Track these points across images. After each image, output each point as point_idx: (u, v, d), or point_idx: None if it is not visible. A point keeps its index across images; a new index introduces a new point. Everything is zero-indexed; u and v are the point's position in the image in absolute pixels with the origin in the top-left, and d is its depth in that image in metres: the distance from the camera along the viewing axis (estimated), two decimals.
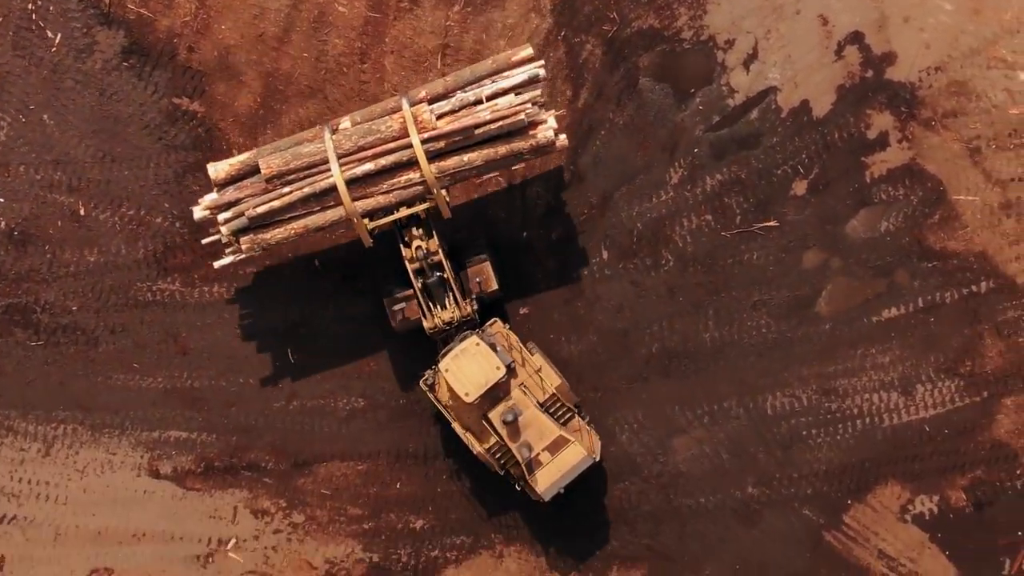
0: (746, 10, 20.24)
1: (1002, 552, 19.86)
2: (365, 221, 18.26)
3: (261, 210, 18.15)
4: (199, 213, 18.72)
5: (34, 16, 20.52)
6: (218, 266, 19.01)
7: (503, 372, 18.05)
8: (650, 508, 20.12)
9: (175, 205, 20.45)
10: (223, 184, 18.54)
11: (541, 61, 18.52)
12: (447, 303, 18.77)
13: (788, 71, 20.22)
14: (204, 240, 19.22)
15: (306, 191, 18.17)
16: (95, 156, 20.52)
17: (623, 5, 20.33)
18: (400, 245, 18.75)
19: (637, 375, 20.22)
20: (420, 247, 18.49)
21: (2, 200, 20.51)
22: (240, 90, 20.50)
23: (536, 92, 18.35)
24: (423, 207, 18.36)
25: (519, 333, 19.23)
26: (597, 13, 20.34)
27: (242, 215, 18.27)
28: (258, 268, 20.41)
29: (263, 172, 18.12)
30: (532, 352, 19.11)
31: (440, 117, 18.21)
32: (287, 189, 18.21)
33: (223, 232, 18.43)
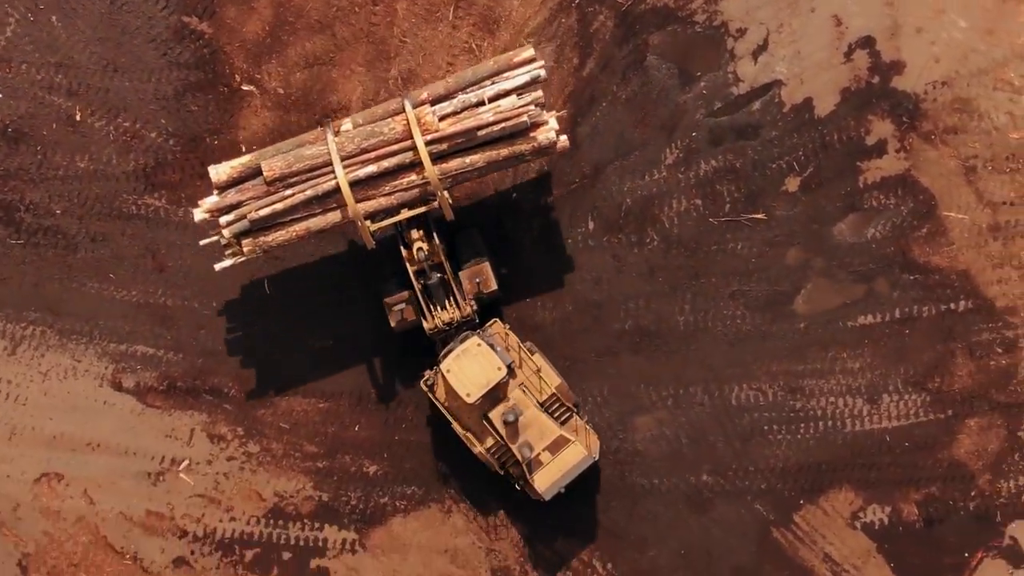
0: (762, 1, 20.24)
1: (947, 571, 19.87)
2: (367, 223, 18.17)
3: (264, 213, 18.01)
4: (199, 215, 18.43)
5: None
6: (219, 268, 18.77)
7: (504, 372, 18.04)
8: (603, 483, 20.13)
9: (171, 122, 20.46)
10: (224, 187, 18.34)
11: (542, 62, 18.46)
12: (447, 304, 18.77)
13: (796, 67, 20.23)
14: (203, 241, 18.97)
15: (308, 193, 18.04)
16: (98, 63, 20.53)
17: None
18: (400, 247, 18.68)
19: (607, 349, 20.23)
20: (421, 248, 18.40)
21: (0, 95, 20.53)
22: (250, 16, 20.50)
23: (538, 93, 18.28)
24: (426, 208, 18.26)
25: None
26: None
27: (244, 218, 18.11)
28: None
29: (265, 174, 17.97)
30: (531, 352, 19.12)
31: (442, 119, 18.11)
32: (289, 191, 18.07)
33: (225, 234, 18.22)
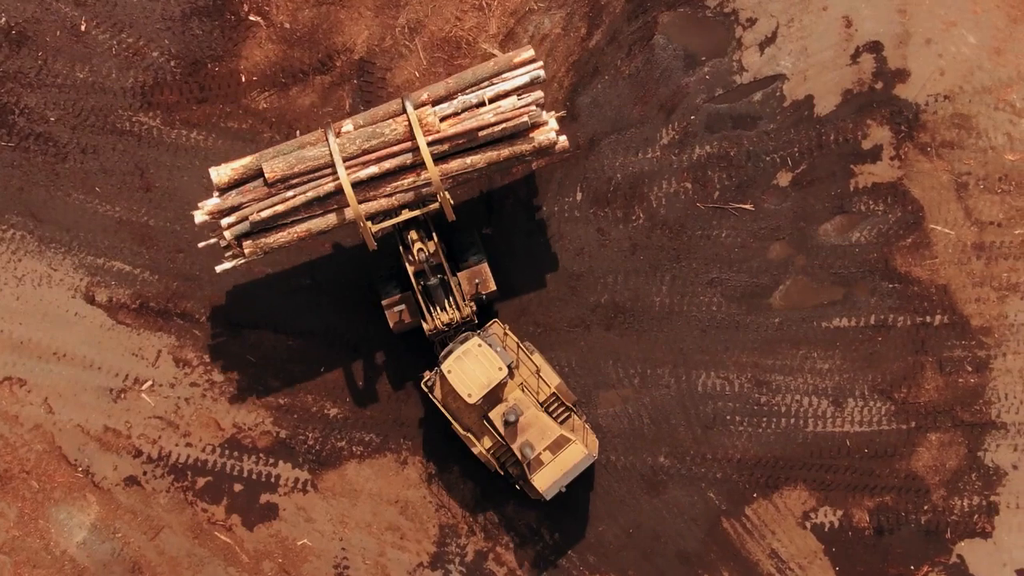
0: None
1: None
2: (368, 224, 18.14)
3: (265, 214, 17.97)
4: (200, 217, 18.34)
5: None
6: (219, 270, 18.72)
7: (505, 372, 18.02)
8: None
9: (174, 44, 20.47)
10: (225, 188, 18.29)
11: (541, 63, 18.46)
12: (446, 305, 18.78)
13: (801, 63, 20.24)
14: (202, 244, 18.90)
15: (310, 195, 18.01)
16: None
17: None
18: (400, 248, 18.66)
19: (580, 320, 20.24)
20: (421, 250, 18.36)
21: None
22: None
23: (538, 94, 18.28)
24: (428, 209, 18.25)
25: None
26: None
27: (245, 219, 18.07)
28: (239, 126, 20.43)
29: (267, 176, 17.93)
30: (531, 352, 19.12)
31: (443, 120, 18.10)
32: (290, 193, 18.03)
33: (226, 236, 18.17)
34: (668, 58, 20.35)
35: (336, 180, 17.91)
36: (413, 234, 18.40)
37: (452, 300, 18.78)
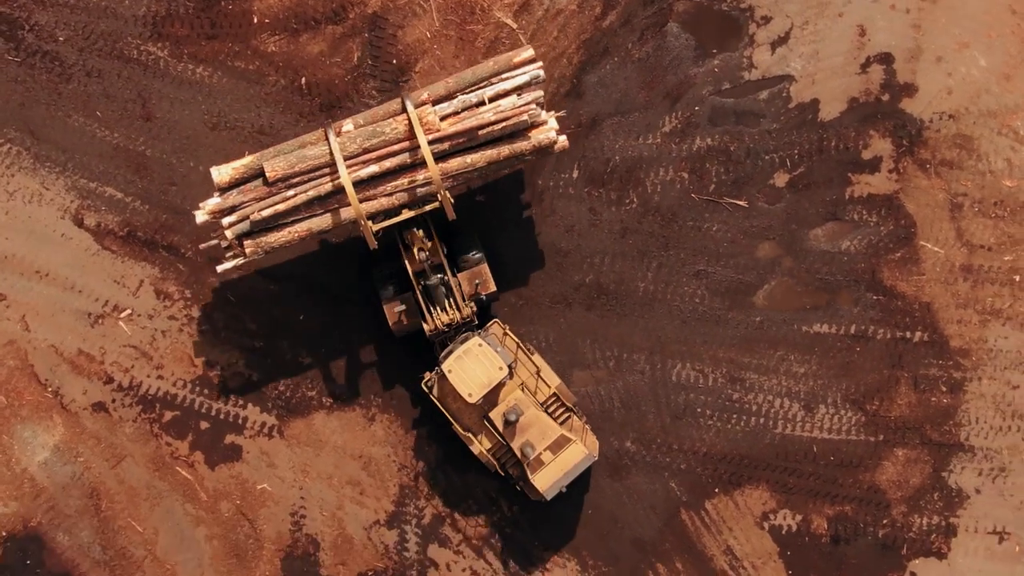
0: None
1: None
2: (369, 223, 18.13)
3: (266, 213, 17.99)
4: (201, 217, 18.36)
5: None
6: (220, 270, 18.75)
7: (506, 372, 18.03)
8: None
9: None
10: (226, 187, 18.30)
11: (540, 63, 18.50)
12: (447, 306, 18.77)
13: (810, 66, 20.25)
14: (203, 245, 18.91)
15: (311, 194, 18.04)
16: None
17: None
18: (400, 248, 18.66)
19: (562, 297, 20.26)
20: (422, 249, 18.38)
21: None
22: None
23: (538, 93, 18.32)
24: (428, 208, 18.25)
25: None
26: None
27: (246, 219, 18.09)
28: (246, 66, 20.45)
29: (268, 175, 17.95)
30: (531, 353, 19.11)
31: (443, 119, 18.12)
32: (291, 192, 18.06)
33: (227, 235, 18.19)
34: (679, 47, 20.36)
35: (336, 179, 17.95)
36: (413, 233, 18.38)
37: (452, 301, 18.78)
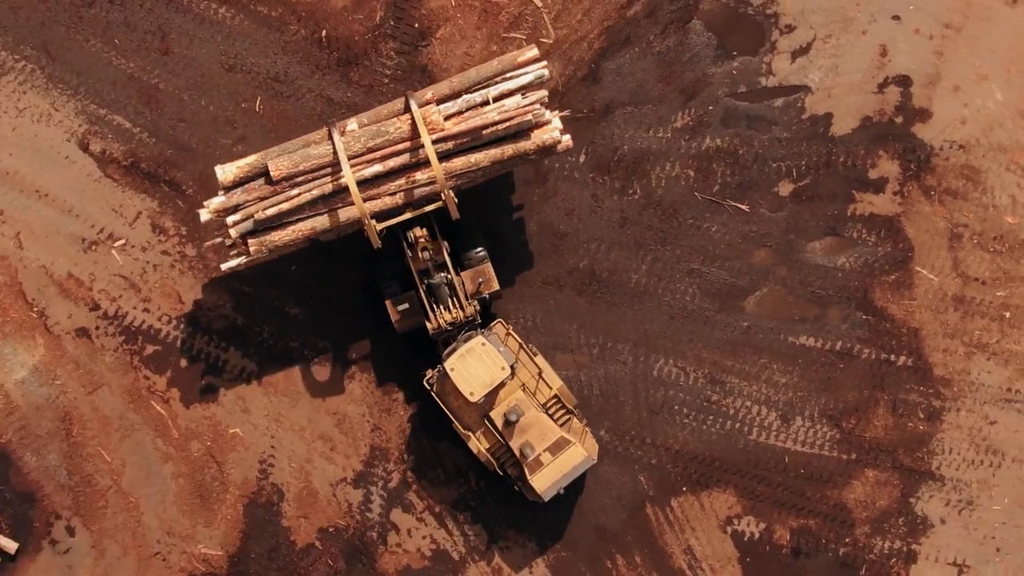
0: (819, 7, 20.30)
1: None
2: (372, 222, 18.11)
3: (270, 212, 18.00)
4: (205, 216, 18.40)
5: None
6: (225, 268, 18.80)
7: (508, 371, 18.04)
8: None
9: None
10: (230, 187, 18.33)
11: (545, 62, 18.53)
12: (450, 305, 18.78)
13: (828, 80, 20.27)
14: (208, 243, 18.86)
15: (314, 193, 18.05)
16: None
17: None
18: (404, 246, 18.66)
19: (554, 280, 20.29)
20: (425, 248, 18.40)
21: None
22: None
23: (542, 93, 18.33)
24: (432, 207, 18.25)
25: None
26: None
27: (250, 218, 18.11)
28: (268, 12, 20.47)
29: (272, 174, 17.96)
30: (533, 354, 19.12)
31: (447, 118, 18.13)
32: (295, 191, 18.07)
33: (231, 234, 18.24)
34: (700, 44, 20.39)
35: (340, 178, 17.98)
36: (417, 232, 18.37)
37: (455, 300, 18.80)
